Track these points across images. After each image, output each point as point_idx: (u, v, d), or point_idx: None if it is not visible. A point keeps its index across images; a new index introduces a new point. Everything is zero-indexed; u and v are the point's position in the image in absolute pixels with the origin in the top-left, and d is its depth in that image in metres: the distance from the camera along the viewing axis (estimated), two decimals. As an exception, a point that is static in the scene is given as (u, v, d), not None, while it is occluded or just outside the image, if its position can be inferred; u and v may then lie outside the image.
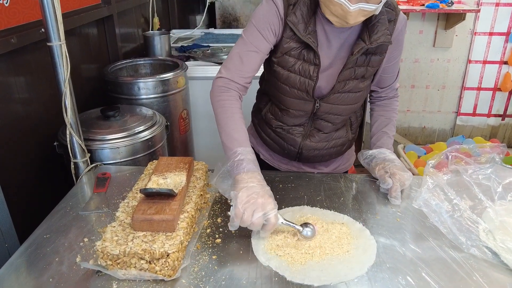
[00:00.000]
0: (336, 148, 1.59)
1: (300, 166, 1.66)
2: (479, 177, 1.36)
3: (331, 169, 1.69)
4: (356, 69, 1.36)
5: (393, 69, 1.50)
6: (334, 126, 1.52)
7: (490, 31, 3.41)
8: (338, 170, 1.71)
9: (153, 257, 1.02)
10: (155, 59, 2.73)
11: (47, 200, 1.82)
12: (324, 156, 1.59)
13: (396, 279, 1.06)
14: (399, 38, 1.40)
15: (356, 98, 1.44)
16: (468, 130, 3.81)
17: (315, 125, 1.50)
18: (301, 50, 1.33)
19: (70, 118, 1.50)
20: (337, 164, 1.69)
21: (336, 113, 1.46)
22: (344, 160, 1.71)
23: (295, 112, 1.46)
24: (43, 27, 1.39)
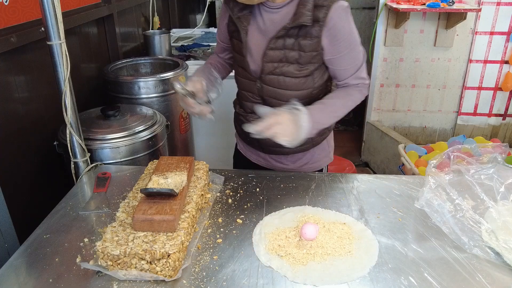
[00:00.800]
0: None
1: (267, 159, 1.67)
2: (481, 177, 1.35)
3: (298, 166, 1.66)
4: (286, 52, 1.38)
5: (343, 62, 1.41)
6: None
7: (491, 30, 3.39)
8: (306, 168, 1.66)
9: (154, 258, 1.02)
10: (155, 58, 2.72)
11: (46, 200, 1.81)
12: (283, 148, 1.46)
13: (399, 279, 1.06)
14: (336, 26, 1.34)
15: (296, 84, 1.43)
16: (469, 129, 3.79)
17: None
18: (238, 32, 1.45)
19: (70, 117, 1.49)
20: (304, 162, 1.66)
21: (279, 98, 1.47)
22: (314, 159, 1.66)
23: (245, 94, 1.55)
24: (43, 26, 1.38)
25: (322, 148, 1.66)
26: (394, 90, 3.73)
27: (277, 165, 1.67)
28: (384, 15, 3.45)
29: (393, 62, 3.62)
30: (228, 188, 1.46)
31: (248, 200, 1.39)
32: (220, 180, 1.49)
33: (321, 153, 1.68)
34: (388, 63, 3.63)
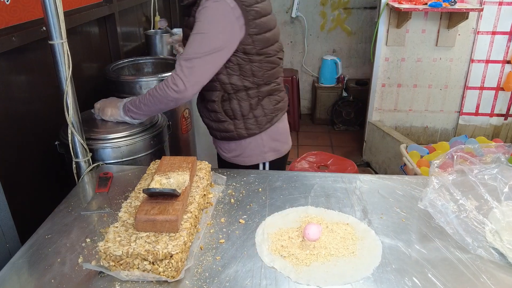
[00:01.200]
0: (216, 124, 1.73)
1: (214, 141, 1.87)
2: (485, 177, 1.34)
3: (231, 156, 1.79)
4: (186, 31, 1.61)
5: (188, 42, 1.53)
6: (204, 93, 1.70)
7: (493, 30, 3.38)
8: (239, 160, 1.78)
9: (156, 258, 1.01)
10: (156, 58, 2.72)
11: (48, 200, 1.81)
12: (211, 129, 1.79)
13: (403, 280, 1.05)
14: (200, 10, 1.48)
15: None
16: (471, 129, 3.78)
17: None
18: None
19: (71, 117, 1.49)
20: (236, 154, 1.77)
21: None
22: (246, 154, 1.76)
23: None
24: (45, 26, 1.38)
25: (255, 144, 1.74)
26: (395, 90, 3.72)
27: (220, 152, 1.84)
28: (385, 15, 3.44)
29: (395, 62, 3.61)
30: (231, 188, 1.46)
31: (251, 200, 1.39)
32: (222, 180, 1.48)
33: (254, 149, 1.75)
34: (390, 63, 3.62)
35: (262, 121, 1.70)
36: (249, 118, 1.68)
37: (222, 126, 1.71)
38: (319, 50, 4.82)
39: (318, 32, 4.75)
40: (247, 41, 1.53)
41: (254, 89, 1.64)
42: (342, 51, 4.81)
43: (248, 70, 1.59)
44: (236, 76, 1.59)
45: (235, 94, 1.63)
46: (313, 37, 4.77)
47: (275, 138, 1.77)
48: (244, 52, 1.55)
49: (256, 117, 1.68)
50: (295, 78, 4.50)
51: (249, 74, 1.60)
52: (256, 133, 1.71)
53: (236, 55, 1.55)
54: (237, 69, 1.58)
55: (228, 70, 1.58)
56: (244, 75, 1.60)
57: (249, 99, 1.65)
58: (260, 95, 1.66)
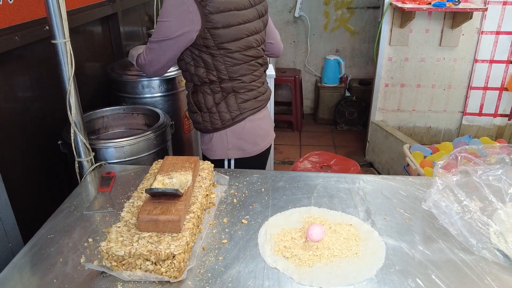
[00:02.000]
0: (190, 114, 1.80)
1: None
2: (489, 178, 1.33)
3: (203, 148, 1.84)
4: None
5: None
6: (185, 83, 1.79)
7: (497, 30, 3.37)
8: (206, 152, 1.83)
9: (159, 258, 1.01)
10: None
11: (50, 199, 1.81)
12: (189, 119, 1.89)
13: (406, 281, 1.04)
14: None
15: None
16: (474, 130, 3.77)
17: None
18: None
19: (74, 116, 1.49)
20: (206, 146, 1.81)
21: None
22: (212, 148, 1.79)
23: None
24: (47, 25, 1.38)
25: (219, 140, 1.77)
26: (399, 90, 3.71)
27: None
28: (389, 15, 3.43)
29: (398, 61, 3.60)
30: (233, 188, 1.45)
31: (253, 200, 1.38)
32: (225, 180, 1.48)
33: (217, 145, 1.78)
34: (393, 62, 3.60)
35: (225, 117, 1.72)
36: (213, 112, 1.72)
37: (193, 117, 1.78)
38: (322, 50, 4.81)
39: (321, 32, 4.74)
40: (205, 35, 1.58)
41: (217, 83, 1.67)
42: (345, 50, 4.80)
43: (210, 64, 1.64)
44: (201, 68, 1.65)
45: (201, 86, 1.69)
46: (316, 36, 4.76)
47: (239, 136, 1.77)
48: (204, 45, 1.60)
49: (220, 112, 1.71)
50: (298, 78, 4.50)
51: (212, 67, 1.65)
52: (219, 129, 1.74)
53: (197, 48, 1.62)
54: (201, 62, 1.64)
55: (194, 61, 1.66)
56: (208, 68, 1.65)
57: (213, 94, 1.69)
58: (223, 91, 1.69)
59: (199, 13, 1.53)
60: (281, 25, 4.68)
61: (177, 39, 1.58)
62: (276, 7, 4.63)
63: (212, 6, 1.54)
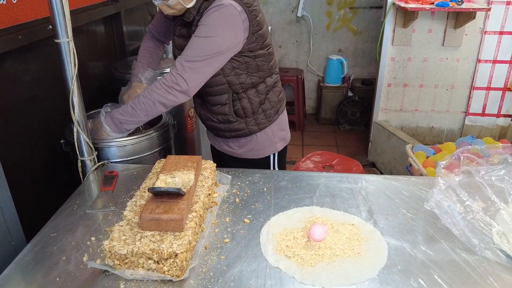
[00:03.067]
0: (226, 125, 1.75)
1: (220, 142, 1.88)
2: (491, 178, 1.33)
3: (244, 151, 1.82)
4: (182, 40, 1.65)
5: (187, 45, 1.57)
6: (209, 99, 1.71)
7: (501, 30, 3.35)
8: (251, 155, 1.82)
9: (161, 257, 1.01)
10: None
11: (53, 198, 1.81)
12: (221, 131, 1.78)
13: (408, 281, 1.04)
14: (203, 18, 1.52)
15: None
16: (477, 130, 3.76)
17: (200, 93, 1.68)
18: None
19: (77, 115, 1.49)
20: (248, 148, 1.80)
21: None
22: (258, 147, 1.81)
23: None
24: (51, 24, 1.38)
25: (265, 137, 1.80)
26: (401, 90, 3.70)
27: (227, 148, 1.85)
28: (392, 14, 3.42)
29: (401, 61, 3.59)
30: (235, 188, 1.45)
31: (256, 200, 1.39)
32: (227, 179, 1.48)
33: (264, 142, 1.81)
34: (396, 62, 3.60)
35: (270, 113, 1.76)
36: (259, 113, 1.73)
37: (232, 126, 1.75)
38: (325, 50, 4.81)
39: (323, 32, 4.73)
40: (252, 40, 1.58)
41: (261, 83, 1.69)
42: (348, 50, 4.79)
43: (254, 66, 1.63)
44: (244, 74, 1.63)
45: (245, 92, 1.67)
46: (318, 36, 4.75)
47: (281, 127, 1.85)
48: (250, 50, 1.59)
49: (265, 111, 1.74)
50: (301, 78, 4.49)
51: (255, 69, 1.64)
52: (266, 126, 1.77)
53: (243, 55, 1.59)
54: (244, 68, 1.62)
55: (236, 70, 1.61)
56: (250, 72, 1.64)
57: (259, 96, 1.70)
58: (267, 89, 1.72)
59: (248, 19, 1.53)
60: (284, 24, 4.68)
61: (227, 53, 1.54)
62: (279, 6, 4.63)
63: (254, 9, 1.55)
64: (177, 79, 1.52)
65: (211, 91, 1.67)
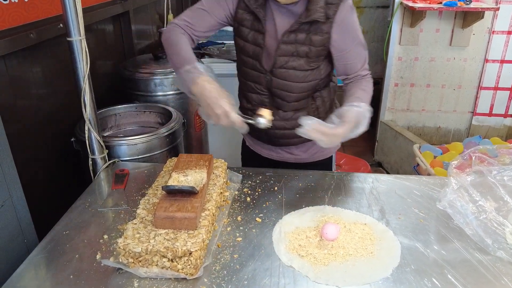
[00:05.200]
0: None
1: (278, 151, 1.70)
2: (504, 178, 1.33)
3: (310, 154, 1.70)
4: (297, 46, 1.44)
5: (352, 57, 1.49)
6: (290, 105, 1.56)
7: (509, 29, 3.34)
8: (319, 156, 1.71)
9: (176, 255, 1.01)
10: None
11: (63, 196, 1.82)
12: (291, 138, 1.62)
13: (422, 281, 1.04)
14: (344, 23, 1.42)
15: (304, 76, 1.49)
16: (484, 130, 3.74)
17: (274, 103, 1.56)
18: (252, 21, 1.47)
19: (89, 114, 1.49)
20: (315, 150, 1.70)
21: (288, 90, 1.51)
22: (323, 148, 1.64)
23: (252, 85, 1.55)
24: (62, 22, 1.39)
25: None
26: (408, 90, 3.69)
27: (290, 156, 1.69)
28: (399, 14, 3.41)
29: (408, 61, 3.58)
30: (246, 187, 1.45)
31: (267, 198, 1.38)
32: (238, 178, 1.48)
33: None
34: (403, 62, 3.59)
35: (333, 108, 1.71)
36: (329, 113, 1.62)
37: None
38: (331, 49, 4.80)
39: (330, 31, 4.73)
40: None
41: (332, 82, 1.66)
42: (354, 50, 4.78)
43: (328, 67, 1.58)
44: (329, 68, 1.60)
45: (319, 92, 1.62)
46: (325, 36, 4.75)
47: None
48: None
49: (331, 109, 1.70)
50: (307, 77, 4.48)
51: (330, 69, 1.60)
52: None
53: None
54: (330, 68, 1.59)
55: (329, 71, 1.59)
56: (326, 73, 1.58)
57: (331, 94, 1.67)
58: (336, 88, 1.69)
59: None
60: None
61: None
62: (285, 6, 4.62)
63: None
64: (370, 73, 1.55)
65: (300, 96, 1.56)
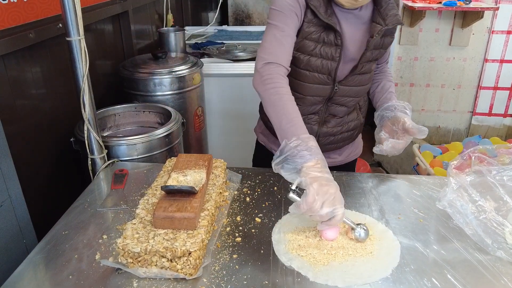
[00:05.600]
0: (349, 133, 1.63)
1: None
2: (503, 178, 1.32)
3: (344, 156, 1.70)
4: (373, 51, 1.43)
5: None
6: (347, 110, 1.55)
7: (508, 29, 3.35)
8: (350, 157, 1.73)
9: (175, 255, 1.01)
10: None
11: (62, 196, 1.82)
12: (338, 142, 1.62)
13: (422, 281, 1.04)
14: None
15: (368, 78, 1.51)
16: (484, 130, 3.75)
17: (330, 110, 1.53)
18: (321, 33, 1.35)
19: (88, 114, 1.49)
20: (349, 152, 1.71)
21: (352, 95, 1.50)
22: (354, 147, 1.73)
23: (311, 99, 1.48)
24: (62, 22, 1.39)
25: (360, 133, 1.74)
26: (408, 89, 3.70)
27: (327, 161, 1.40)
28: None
29: (408, 61, 3.58)
30: (246, 187, 1.45)
31: (266, 198, 1.38)
32: (237, 178, 1.48)
33: (358, 139, 1.76)
34: (403, 62, 3.59)
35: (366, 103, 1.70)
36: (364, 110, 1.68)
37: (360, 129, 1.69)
38: (330, 49, 4.80)
39: (329, 31, 4.73)
40: None
41: None
42: (354, 50, 4.78)
43: None
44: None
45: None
46: (324, 35, 4.75)
47: None
48: None
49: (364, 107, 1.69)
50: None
51: None
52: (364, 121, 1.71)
53: None
54: None
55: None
56: None
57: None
58: None
59: None
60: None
61: None
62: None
63: None
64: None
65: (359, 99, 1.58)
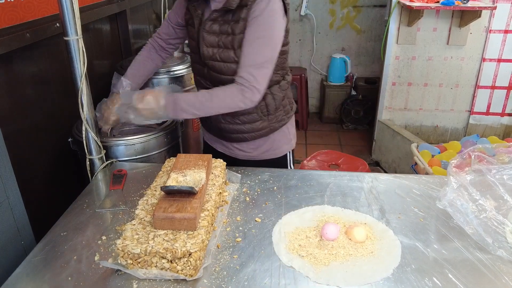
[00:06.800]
0: (249, 126, 1.63)
1: (230, 147, 1.74)
2: (503, 177, 1.32)
3: (260, 153, 1.72)
4: (222, 37, 1.48)
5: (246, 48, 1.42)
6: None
7: (506, 28, 3.34)
8: (267, 155, 1.74)
9: (175, 256, 1.00)
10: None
11: (61, 197, 1.80)
12: (239, 133, 1.66)
13: (423, 280, 1.04)
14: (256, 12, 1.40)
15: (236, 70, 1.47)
16: (481, 129, 3.75)
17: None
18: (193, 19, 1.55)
19: (86, 114, 1.48)
20: (265, 149, 1.72)
21: (224, 82, 1.50)
22: (275, 146, 1.73)
23: (199, 79, 1.66)
24: (59, 22, 1.38)
25: (282, 134, 1.73)
26: (406, 89, 3.69)
27: (240, 153, 1.73)
28: (396, 13, 3.41)
29: (405, 60, 3.58)
30: (245, 187, 1.45)
31: (266, 198, 1.38)
32: (237, 178, 1.47)
33: (282, 140, 1.74)
34: (400, 61, 3.59)
35: (288, 110, 1.72)
36: (280, 110, 1.67)
37: (256, 126, 1.63)
38: (328, 48, 4.79)
39: (327, 30, 4.72)
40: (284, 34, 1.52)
41: (283, 80, 1.64)
42: (351, 49, 4.78)
43: (279, 64, 1.54)
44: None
45: (269, 89, 1.58)
46: (322, 35, 4.74)
47: (292, 124, 1.80)
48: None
49: (284, 107, 1.69)
50: (304, 77, 4.48)
51: (280, 67, 1.57)
52: (285, 123, 1.71)
53: None
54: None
55: None
56: (275, 69, 1.53)
57: (281, 91, 1.64)
58: (287, 85, 1.68)
59: (286, 14, 1.49)
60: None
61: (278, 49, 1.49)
62: (282, 5, 4.61)
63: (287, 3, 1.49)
64: (252, 94, 1.42)
65: None
